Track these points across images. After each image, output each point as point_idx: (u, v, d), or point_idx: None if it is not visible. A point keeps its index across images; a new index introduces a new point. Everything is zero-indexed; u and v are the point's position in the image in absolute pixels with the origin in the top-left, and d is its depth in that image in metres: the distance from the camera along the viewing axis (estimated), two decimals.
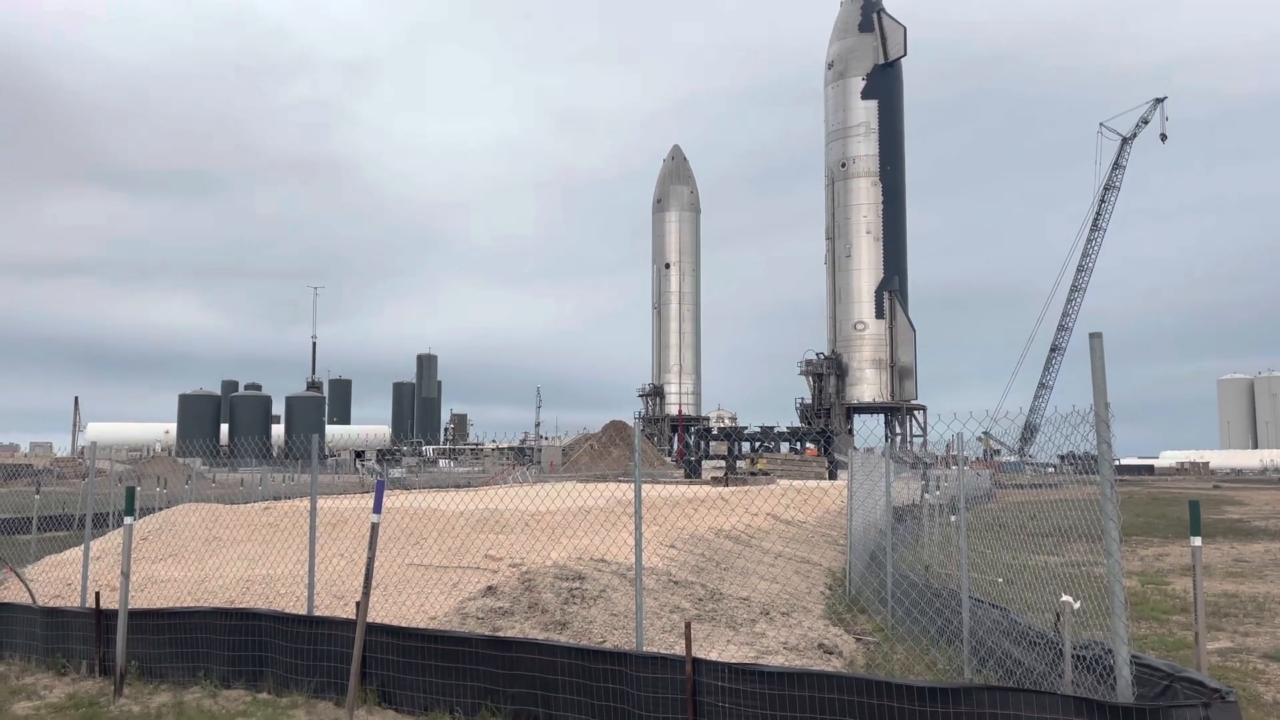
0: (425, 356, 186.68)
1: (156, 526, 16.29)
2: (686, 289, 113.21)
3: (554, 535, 14.09)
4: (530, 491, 18.40)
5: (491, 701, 8.13)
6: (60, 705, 9.00)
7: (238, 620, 9.66)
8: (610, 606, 11.15)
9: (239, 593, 12.16)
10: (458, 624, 10.40)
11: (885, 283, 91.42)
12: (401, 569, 12.58)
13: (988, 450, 60.55)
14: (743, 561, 15.95)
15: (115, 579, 10.08)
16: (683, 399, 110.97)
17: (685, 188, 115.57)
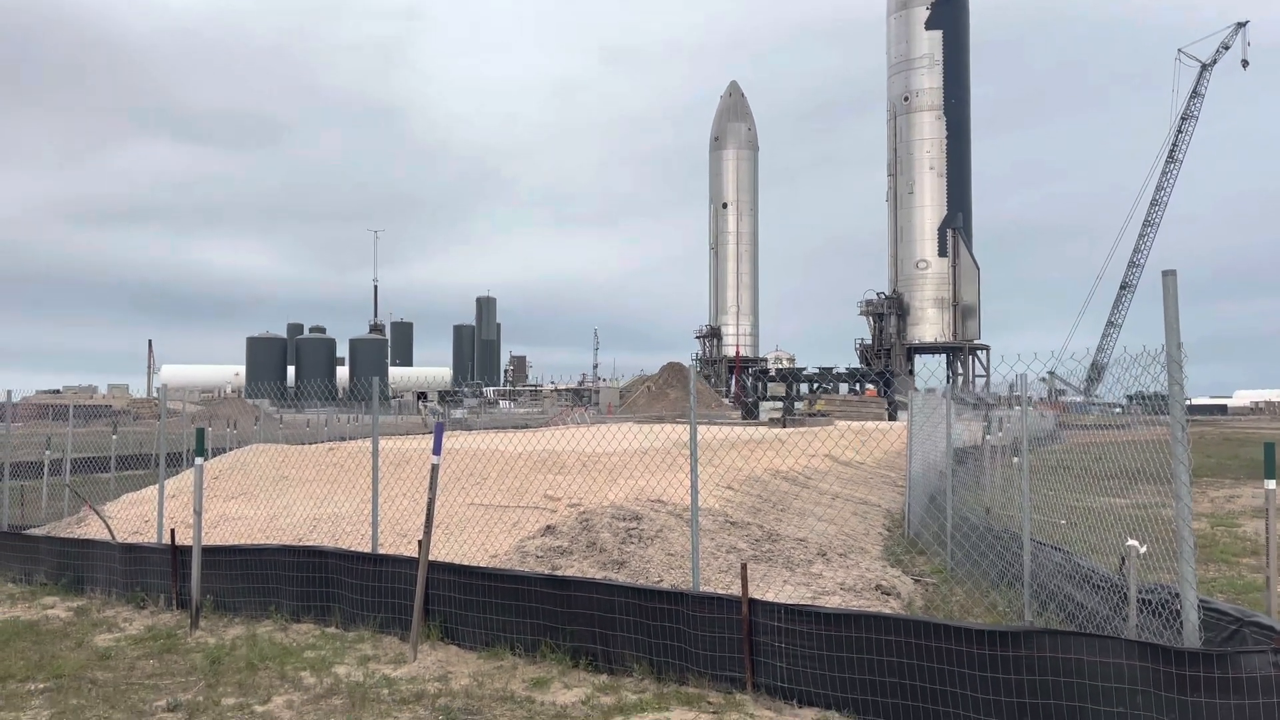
0: (484, 299, 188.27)
1: (228, 466, 16.79)
2: (744, 229, 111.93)
3: (612, 476, 14.20)
4: (588, 433, 18.56)
5: (551, 638, 8.28)
6: (140, 637, 9.40)
7: (306, 557, 9.95)
8: (667, 546, 11.23)
9: (307, 530, 12.51)
10: (518, 562, 10.58)
11: (948, 220, 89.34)
12: (463, 508, 12.81)
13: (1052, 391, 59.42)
14: (800, 503, 15.94)
15: (189, 516, 10.43)
16: (740, 340, 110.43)
17: (743, 125, 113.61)
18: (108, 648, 8.98)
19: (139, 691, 7.56)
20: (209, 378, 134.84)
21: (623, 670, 7.87)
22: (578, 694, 7.38)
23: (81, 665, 8.30)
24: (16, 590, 11.74)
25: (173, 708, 7.13)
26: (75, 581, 11.57)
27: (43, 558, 12.14)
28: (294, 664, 8.23)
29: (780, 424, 43.54)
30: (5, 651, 8.78)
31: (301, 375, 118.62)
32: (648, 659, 7.80)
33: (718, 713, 6.80)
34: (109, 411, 63.26)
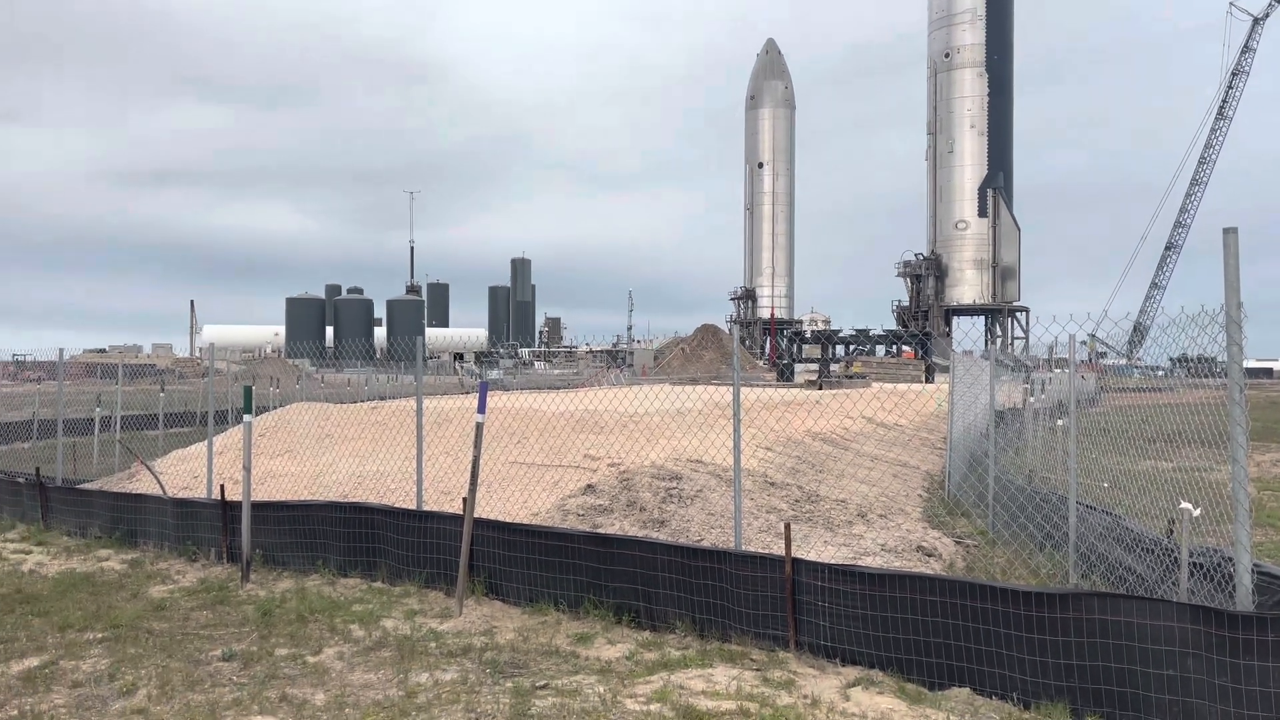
0: (519, 260, 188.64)
1: (272, 424, 17.07)
2: (780, 189, 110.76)
3: (651, 436, 14.25)
4: (625, 394, 18.60)
5: (594, 595, 8.37)
6: (193, 589, 9.63)
7: (352, 513, 10.12)
8: (707, 506, 11.28)
9: (351, 487, 12.71)
10: (559, 520, 10.69)
11: (989, 179, 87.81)
12: (504, 467, 12.93)
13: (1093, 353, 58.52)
14: (838, 464, 15.91)
15: (237, 473, 10.63)
16: (775, 302, 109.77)
17: (779, 83, 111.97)
18: (162, 599, 9.22)
19: (194, 642, 7.76)
20: (250, 337, 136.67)
21: (665, 627, 7.94)
22: (621, 649, 7.47)
23: (138, 616, 8.53)
24: (72, 543, 12.06)
25: (228, 657, 7.31)
26: (129, 535, 11.87)
27: (97, 511, 12.45)
28: (343, 617, 8.40)
29: (817, 386, 43.38)
30: (64, 602, 9.04)
31: (340, 335, 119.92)
32: (690, 616, 7.86)
33: (761, 670, 6.86)
34: (153, 370, 64.45)
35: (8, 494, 13.92)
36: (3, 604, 8.94)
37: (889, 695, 6.33)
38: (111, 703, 6.37)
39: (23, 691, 6.57)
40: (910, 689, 6.47)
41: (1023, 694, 6.21)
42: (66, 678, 6.88)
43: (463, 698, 6.25)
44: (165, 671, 6.96)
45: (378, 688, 6.61)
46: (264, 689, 6.56)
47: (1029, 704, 6.16)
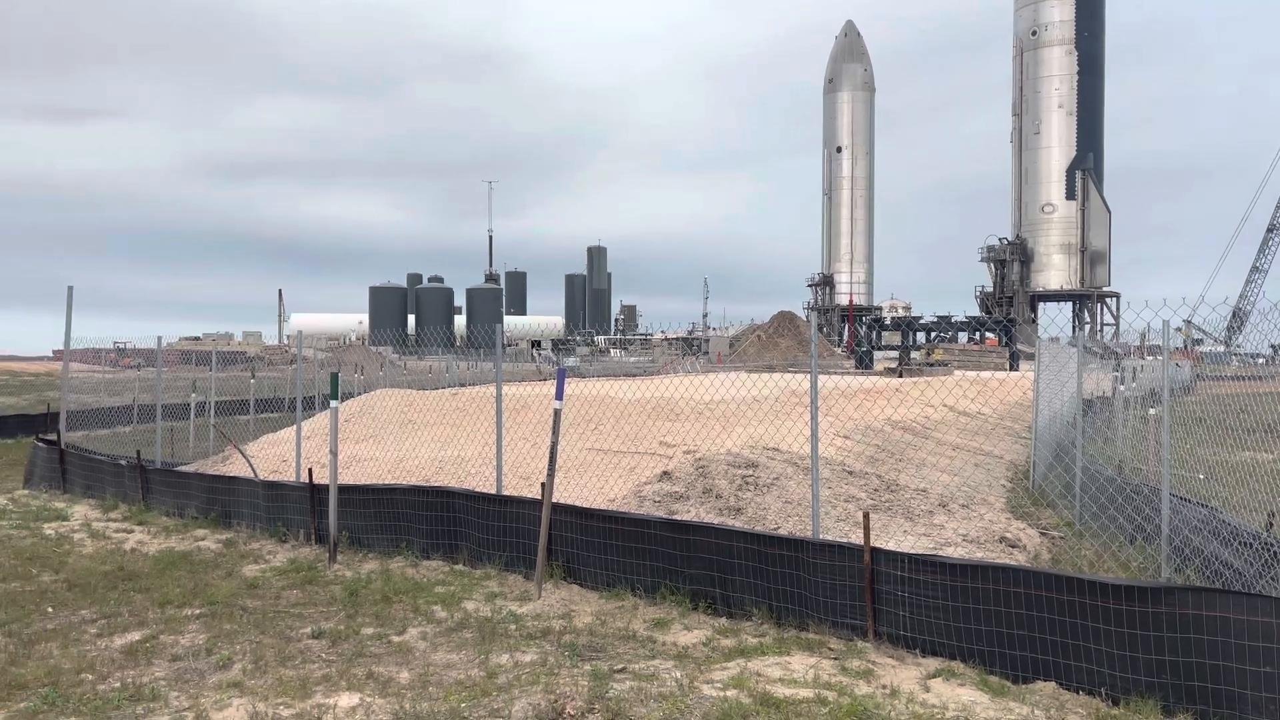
0: (595, 248, 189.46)
1: (357, 410, 17.51)
2: (859, 173, 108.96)
3: (726, 424, 14.22)
4: (700, 381, 18.58)
5: (670, 581, 8.41)
6: (283, 569, 9.97)
7: (434, 497, 10.34)
8: (784, 494, 11.21)
9: (433, 472, 12.98)
10: (635, 506, 10.75)
11: (1078, 161, 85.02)
12: (580, 453, 13.05)
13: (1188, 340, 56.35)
14: (919, 453, 15.65)
15: (325, 457, 10.94)
16: (854, 288, 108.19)
17: (858, 66, 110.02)
18: (255, 578, 9.56)
19: (285, 619, 8.04)
20: (335, 325, 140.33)
21: (742, 614, 7.94)
22: (698, 635, 7.50)
23: (232, 593, 8.86)
24: (170, 523, 12.58)
25: (317, 635, 7.56)
26: (223, 516, 12.33)
27: (193, 493, 12.96)
28: (425, 598, 8.61)
29: (896, 373, 42.70)
30: (163, 579, 9.45)
31: (421, 323, 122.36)
32: (767, 604, 7.85)
33: (839, 659, 6.81)
34: (244, 358, 66.67)
35: (111, 476, 14.58)
36: (106, 581, 9.39)
37: (971, 687, 6.22)
38: (209, 676, 6.64)
39: (125, 664, 6.90)
40: (993, 682, 6.36)
41: (1111, 689, 6.05)
42: (166, 651, 7.19)
43: (542, 679, 6.36)
44: (258, 647, 7.23)
45: (459, 668, 6.75)
46: (351, 666, 6.77)
47: (1118, 700, 6.00)
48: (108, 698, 6.12)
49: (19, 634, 7.60)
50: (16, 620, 7.95)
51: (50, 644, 7.34)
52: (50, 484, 15.64)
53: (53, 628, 7.79)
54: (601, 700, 5.84)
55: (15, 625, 7.82)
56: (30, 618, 8.06)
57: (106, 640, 7.48)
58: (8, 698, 6.14)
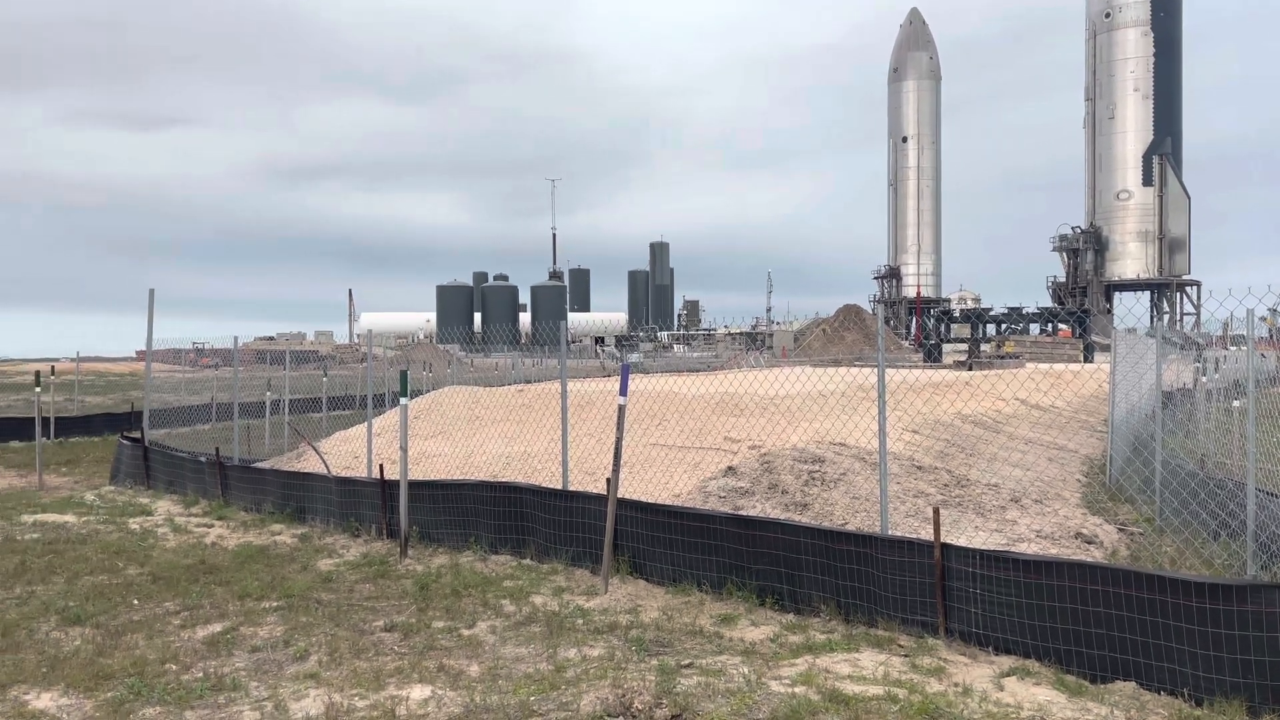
0: (658, 244, 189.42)
1: (425, 407, 17.80)
2: (925, 163, 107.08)
3: (792, 419, 14.12)
4: (764, 376, 18.47)
5: (736, 576, 8.38)
6: (356, 563, 10.19)
7: (501, 493, 10.46)
8: (851, 490, 11.09)
9: (500, 468, 13.13)
10: (700, 502, 10.74)
11: (1154, 145, 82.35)
12: (645, 449, 13.08)
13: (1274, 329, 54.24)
14: (990, 447, 15.35)
15: (395, 453, 11.15)
16: (921, 280, 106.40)
17: (924, 54, 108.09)
18: (329, 571, 9.79)
19: (359, 612, 8.22)
20: (403, 324, 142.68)
21: (809, 610, 7.88)
22: (765, 631, 7.46)
23: (308, 587, 9.09)
24: (248, 518, 12.95)
25: (389, 628, 7.71)
26: (298, 511, 12.64)
27: (269, 489, 13.32)
28: (494, 592, 8.71)
29: (966, 366, 41.90)
30: (242, 573, 9.73)
31: (487, 321, 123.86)
32: (835, 600, 7.78)
33: (909, 656, 6.72)
34: (316, 356, 68.21)
35: (191, 472, 15.06)
36: (189, 574, 9.70)
37: (1046, 686, 6.09)
38: (286, 667, 6.82)
39: (207, 655, 7.12)
40: (1070, 681, 6.21)
41: (1194, 690, 5.87)
42: (246, 643, 7.40)
43: (609, 674, 6.39)
44: (333, 639, 7.40)
45: (528, 661, 6.83)
46: (423, 659, 6.89)
47: (1201, 700, 5.81)
48: (191, 687, 6.33)
49: (107, 625, 7.89)
50: (104, 612, 8.26)
51: (136, 635, 7.61)
52: (135, 480, 16.21)
53: (138, 619, 8.08)
54: (669, 695, 5.85)
55: (103, 617, 8.12)
56: (117, 610, 8.37)
57: (189, 632, 7.72)
58: (96, 687, 6.39)
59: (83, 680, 6.48)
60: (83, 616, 8.08)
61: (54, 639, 7.53)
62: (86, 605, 8.42)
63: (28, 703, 6.12)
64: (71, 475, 18.16)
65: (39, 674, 6.64)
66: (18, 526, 12.44)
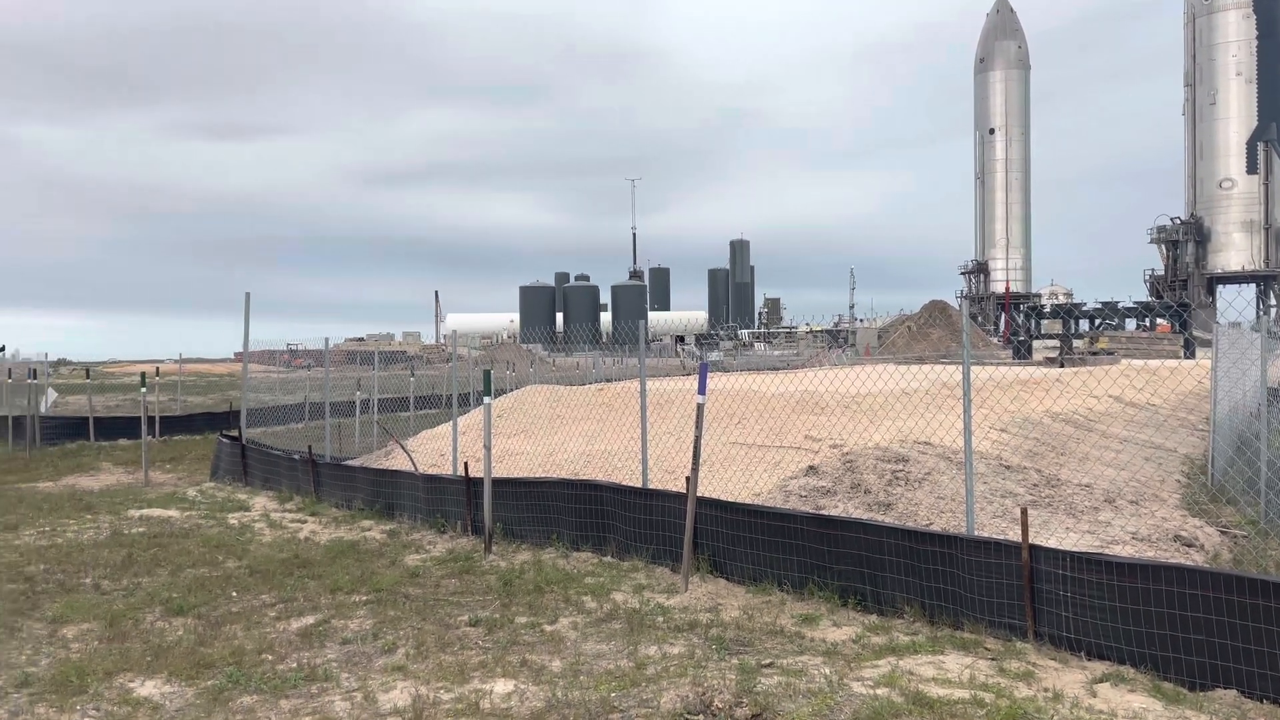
0: (738, 242, 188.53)
1: (509, 406, 18.08)
2: (1014, 155, 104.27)
3: (874, 417, 13.92)
4: (847, 374, 18.24)
5: (818, 576, 8.31)
6: (442, 559, 10.41)
7: (582, 490, 10.57)
8: (936, 489, 10.89)
9: (581, 465, 13.26)
10: (780, 501, 10.66)
11: (1259, 132, 78.67)
12: (725, 447, 13.05)
13: None
14: (1082, 446, 14.88)
15: (479, 451, 11.35)
16: (1010, 275, 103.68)
17: (1012, 43, 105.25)
18: (416, 567, 10.02)
19: (444, 607, 8.40)
20: (488, 324, 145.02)
21: (893, 611, 7.77)
22: (848, 632, 7.38)
23: (396, 581, 9.32)
24: (339, 514, 13.34)
25: (474, 623, 7.86)
26: (386, 507, 12.98)
27: (359, 486, 13.70)
28: (576, 589, 8.81)
29: (1057, 363, 40.68)
30: (334, 567, 10.03)
31: (569, 321, 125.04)
32: (919, 601, 7.65)
33: (996, 659, 6.57)
34: (404, 357, 69.84)
35: (286, 469, 15.58)
36: (284, 568, 10.04)
37: (1142, 694, 5.89)
38: (375, 659, 7.01)
39: (301, 646, 7.37)
40: (1167, 688, 6.00)
41: None
42: (337, 635, 7.63)
43: (690, 671, 6.41)
44: (420, 633, 7.58)
45: (609, 658, 6.89)
46: (506, 654, 7.01)
47: None
48: (285, 677, 6.56)
49: (207, 616, 8.23)
50: (205, 604, 8.61)
51: (235, 626, 7.91)
52: (233, 477, 16.85)
53: (237, 611, 8.40)
54: (749, 694, 5.83)
55: (204, 608, 8.47)
56: (217, 601, 8.72)
57: (284, 623, 8.00)
58: (196, 676, 6.67)
59: (184, 669, 6.77)
60: (185, 608, 8.43)
61: (158, 629, 7.88)
62: (189, 597, 8.79)
63: (133, 690, 6.43)
64: (175, 472, 18.97)
65: (144, 662, 6.96)
66: (125, 520, 13.05)
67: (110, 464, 20.18)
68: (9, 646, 7.44)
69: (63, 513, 13.69)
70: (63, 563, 10.35)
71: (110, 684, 6.53)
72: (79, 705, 6.12)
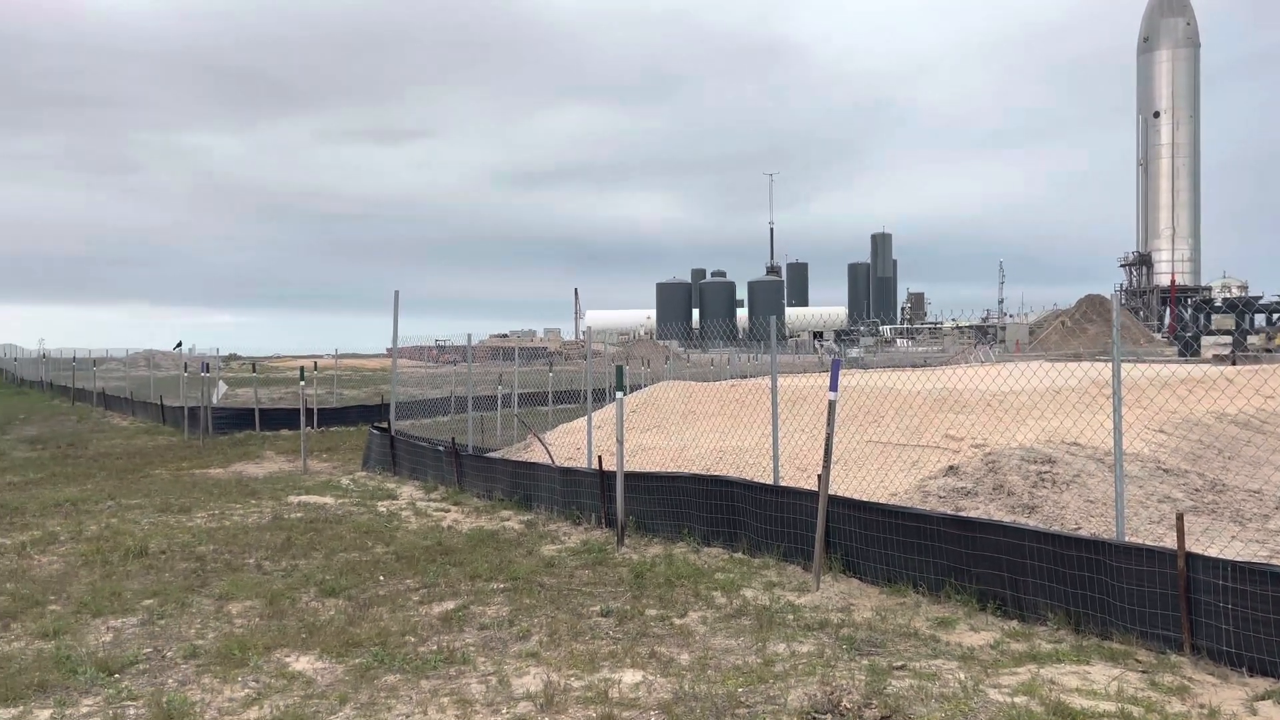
0: (879, 235, 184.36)
1: (642, 401, 18.27)
2: (1181, 139, 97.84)
3: (1019, 416, 13.36)
4: (992, 371, 17.57)
5: (955, 579, 8.07)
6: (576, 550, 10.64)
7: (714, 486, 10.59)
8: (1085, 493, 10.38)
9: (713, 461, 13.27)
10: (918, 501, 10.40)
11: None
12: (860, 445, 12.81)
13: None
14: (1253, 450, 13.86)
15: (613, 445, 11.53)
16: (1176, 267, 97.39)
17: (1179, 19, 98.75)
18: (551, 557, 10.28)
19: (577, 597, 8.59)
20: (625, 321, 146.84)
21: (1035, 618, 7.47)
22: (986, 637, 7.14)
23: (532, 570, 9.59)
24: (480, 504, 13.81)
25: (605, 613, 8.00)
26: (524, 499, 13.35)
27: (499, 477, 14.14)
28: (705, 584, 8.84)
29: (1229, 360, 37.97)
30: (474, 555, 10.40)
31: (705, 316, 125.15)
32: (1063, 608, 7.32)
33: (1148, 672, 6.22)
34: (544, 353, 71.51)
35: (431, 460, 16.23)
36: (427, 554, 10.48)
37: None
38: (510, 645, 7.24)
39: (441, 630, 7.68)
40: None
41: None
42: (475, 620, 7.92)
43: (818, 670, 6.34)
44: (554, 621, 7.78)
45: (737, 653, 6.89)
46: (636, 645, 7.11)
47: None
48: (426, 659, 6.85)
49: (356, 598, 8.68)
50: (355, 586, 9.08)
51: (381, 609, 8.32)
52: (383, 466, 17.68)
53: (383, 594, 8.82)
54: (879, 696, 5.73)
55: (354, 590, 8.94)
56: (365, 585, 9.18)
57: (426, 608, 8.35)
58: (345, 653, 7.05)
59: (335, 647, 7.17)
60: (336, 589, 8.92)
61: (312, 608, 8.37)
62: (340, 579, 9.29)
63: (289, 664, 6.85)
64: (330, 461, 20.05)
65: (299, 639, 7.41)
66: (285, 506, 13.89)
67: (273, 452, 21.51)
68: (180, 620, 8.06)
69: (230, 498, 14.71)
70: (229, 544, 11.12)
71: (269, 658, 6.98)
72: (240, 677, 6.57)
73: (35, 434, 26.63)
